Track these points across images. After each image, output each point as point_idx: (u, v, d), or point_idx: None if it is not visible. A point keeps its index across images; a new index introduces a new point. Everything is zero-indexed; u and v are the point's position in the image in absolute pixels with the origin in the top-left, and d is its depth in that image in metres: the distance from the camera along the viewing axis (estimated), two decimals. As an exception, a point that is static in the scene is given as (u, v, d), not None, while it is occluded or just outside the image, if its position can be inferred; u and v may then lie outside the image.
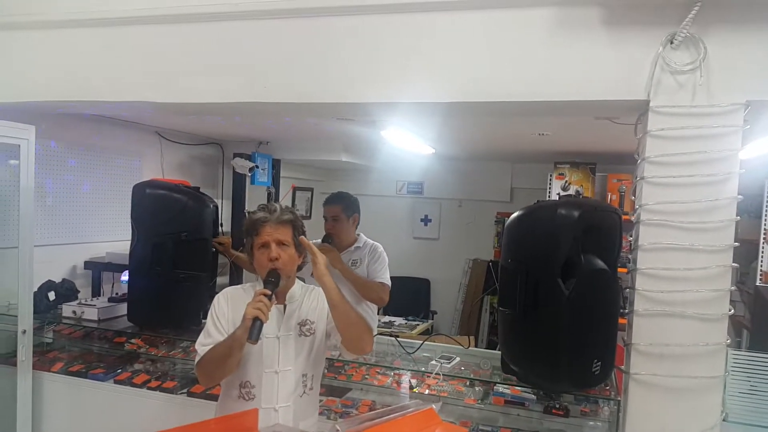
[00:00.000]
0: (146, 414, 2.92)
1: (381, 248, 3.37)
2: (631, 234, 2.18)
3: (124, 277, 3.63)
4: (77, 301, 3.45)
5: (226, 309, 2.04)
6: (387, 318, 5.27)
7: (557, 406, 2.57)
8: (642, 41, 2.00)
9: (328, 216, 3.37)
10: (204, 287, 3.12)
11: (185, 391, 2.97)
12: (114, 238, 3.94)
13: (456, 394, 2.71)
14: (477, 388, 2.75)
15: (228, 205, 5.14)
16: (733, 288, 1.97)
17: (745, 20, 1.92)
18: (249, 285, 2.12)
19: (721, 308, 1.97)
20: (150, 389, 3.00)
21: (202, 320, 2.40)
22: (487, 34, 2.17)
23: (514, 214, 2.29)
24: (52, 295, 3.47)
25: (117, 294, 3.66)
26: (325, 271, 1.95)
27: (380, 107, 2.51)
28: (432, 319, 6.05)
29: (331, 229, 3.35)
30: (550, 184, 4.66)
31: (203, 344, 1.99)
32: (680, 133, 1.97)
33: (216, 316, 2.03)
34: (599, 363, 2.15)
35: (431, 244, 6.72)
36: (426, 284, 6.68)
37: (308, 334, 2.07)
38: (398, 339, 3.11)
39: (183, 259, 3.02)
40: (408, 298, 6.06)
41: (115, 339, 3.33)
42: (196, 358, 2.00)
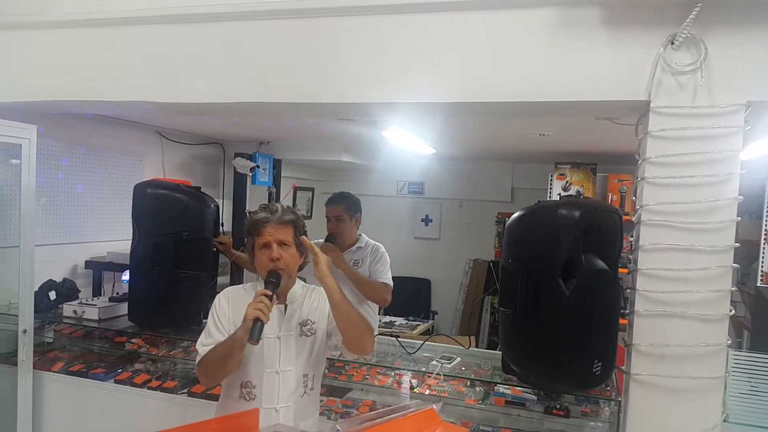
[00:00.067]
0: (147, 414, 2.92)
1: (383, 248, 3.38)
2: (631, 234, 2.17)
3: (124, 276, 3.63)
4: (78, 301, 3.45)
5: (227, 309, 2.04)
6: (387, 318, 5.28)
7: (558, 407, 2.57)
8: (643, 42, 2.00)
9: (331, 216, 3.37)
10: (205, 287, 3.12)
11: (186, 391, 2.97)
12: (115, 238, 3.94)
13: (456, 395, 2.71)
14: (478, 389, 2.75)
15: (229, 204, 5.14)
16: (733, 289, 1.97)
17: (746, 21, 1.92)
18: (250, 285, 2.12)
19: (721, 309, 1.97)
20: (150, 389, 3.01)
21: (203, 320, 2.40)
22: (487, 34, 2.17)
23: (515, 215, 2.29)
24: (52, 295, 3.47)
25: (118, 294, 3.66)
26: (327, 271, 1.95)
27: (381, 107, 2.51)
28: (433, 319, 6.05)
29: (333, 229, 3.35)
30: (550, 184, 4.66)
31: (204, 344, 1.99)
32: (681, 133, 1.97)
33: (217, 316, 2.04)
34: (600, 363, 2.14)
35: (432, 244, 6.72)
36: (427, 284, 6.68)
37: (309, 334, 2.07)
38: (399, 339, 3.11)
39: (184, 258, 3.02)
40: (408, 298, 6.06)
41: (115, 339, 3.34)
42: (197, 358, 2.00)
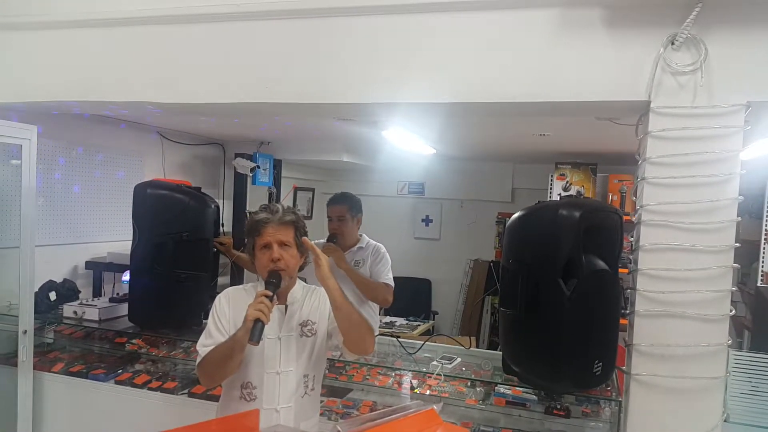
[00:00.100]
0: (147, 414, 2.92)
1: (384, 249, 3.38)
2: (632, 234, 2.17)
3: (125, 277, 3.63)
4: (78, 302, 3.45)
5: (227, 309, 2.04)
6: (388, 318, 5.28)
7: (558, 407, 2.57)
8: (643, 42, 2.00)
9: (333, 216, 3.37)
10: (205, 287, 3.12)
11: (186, 391, 2.97)
12: (115, 238, 3.94)
13: (457, 395, 2.71)
14: (478, 389, 2.75)
15: (229, 205, 5.14)
16: (734, 289, 1.97)
17: (746, 21, 1.93)
18: (250, 285, 2.12)
19: (722, 309, 1.97)
20: (151, 390, 3.00)
21: (203, 321, 2.40)
22: (488, 34, 2.17)
23: (516, 215, 2.29)
24: (53, 296, 3.47)
25: (118, 294, 3.66)
26: (328, 273, 1.95)
27: (381, 108, 2.51)
28: (433, 319, 6.05)
29: (336, 229, 3.35)
30: (551, 184, 4.66)
31: (204, 345, 1.99)
32: (681, 133, 1.98)
33: (217, 317, 2.04)
34: (600, 363, 2.14)
35: (432, 244, 6.72)
36: (427, 284, 6.68)
37: (309, 334, 2.07)
38: (399, 339, 3.10)
39: (184, 259, 3.02)
40: (409, 298, 6.04)
41: (115, 339, 3.33)
42: (198, 359, 2.00)
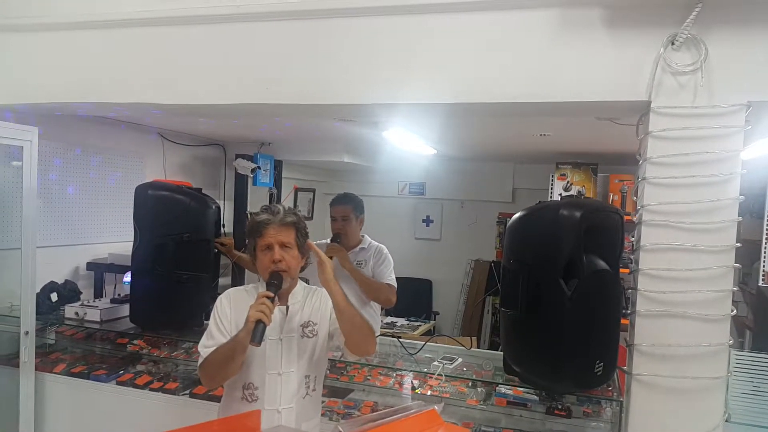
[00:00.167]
0: (148, 415, 2.92)
1: (386, 250, 3.39)
2: (632, 234, 2.17)
3: (126, 278, 3.63)
4: (80, 303, 3.45)
5: (229, 310, 2.04)
6: (389, 319, 5.27)
7: (560, 407, 2.57)
8: (643, 42, 2.00)
9: (338, 216, 3.38)
10: (206, 288, 3.12)
11: (187, 392, 2.97)
12: (116, 240, 3.94)
13: (458, 395, 2.71)
14: (479, 389, 2.75)
15: (230, 206, 5.14)
16: (735, 288, 1.97)
17: (746, 21, 1.93)
18: (251, 286, 2.12)
19: (723, 309, 1.97)
20: (152, 390, 3.01)
21: (204, 321, 2.40)
22: (488, 35, 2.17)
23: (516, 215, 2.29)
24: (54, 297, 3.47)
25: (119, 295, 3.66)
26: (332, 277, 1.94)
27: (382, 108, 2.51)
28: (434, 319, 6.05)
29: (340, 229, 3.36)
30: (551, 184, 4.66)
31: (206, 346, 1.99)
32: (682, 133, 1.98)
33: (218, 318, 2.04)
34: (601, 364, 2.14)
35: (433, 244, 6.72)
36: (428, 285, 6.67)
37: (311, 335, 2.07)
38: (400, 340, 3.11)
39: (185, 260, 3.02)
40: (410, 298, 6.03)
41: (117, 340, 3.34)
42: (199, 360, 2.00)
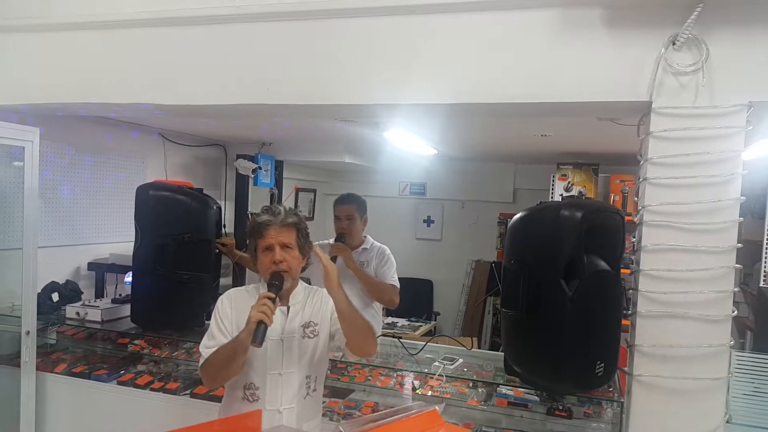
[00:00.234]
0: (149, 415, 2.93)
1: (389, 251, 3.40)
2: (634, 235, 2.17)
3: (127, 278, 3.63)
4: (81, 303, 3.45)
5: (230, 311, 2.04)
6: (390, 319, 5.27)
7: (560, 408, 2.57)
8: (644, 42, 2.00)
9: (342, 215, 3.38)
10: (207, 288, 3.12)
11: (188, 392, 2.97)
12: (117, 240, 3.94)
13: (459, 396, 2.71)
14: (480, 390, 2.75)
15: (231, 206, 5.14)
16: (736, 289, 1.97)
17: (748, 21, 1.92)
18: (252, 287, 2.12)
19: (724, 309, 1.97)
20: (153, 390, 3.01)
21: (205, 321, 2.40)
22: (489, 35, 2.17)
23: (517, 215, 2.29)
24: (55, 297, 3.48)
25: (120, 295, 3.66)
26: (338, 284, 1.92)
27: (383, 109, 2.51)
28: (435, 320, 6.05)
29: (345, 229, 3.36)
30: (552, 185, 4.65)
31: (207, 347, 1.99)
32: (683, 134, 1.97)
33: (219, 318, 2.04)
34: (602, 364, 2.14)
35: (434, 245, 6.71)
36: (429, 285, 6.67)
37: (312, 335, 2.07)
38: (401, 340, 3.11)
39: (186, 260, 3.02)
40: (411, 299, 6.00)
41: (118, 340, 3.35)
42: (200, 361, 2.00)
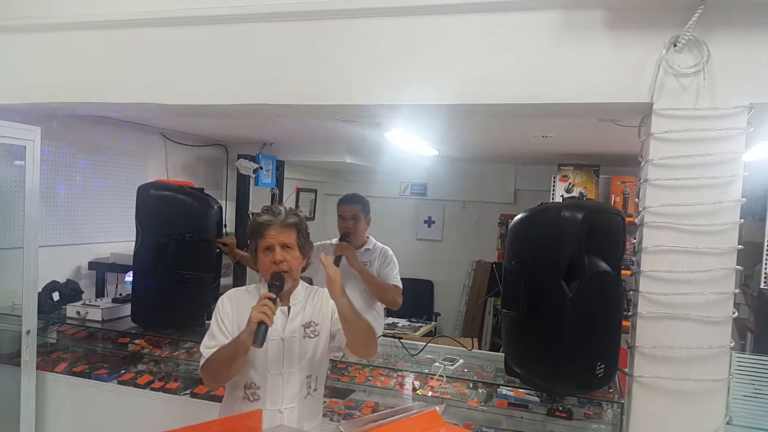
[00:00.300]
0: (150, 415, 2.93)
1: (391, 252, 3.42)
2: (634, 236, 2.17)
3: (128, 277, 3.64)
4: (81, 302, 3.45)
5: (230, 311, 2.04)
6: (390, 319, 5.26)
7: (561, 409, 2.57)
8: (645, 44, 2.00)
9: (347, 215, 3.39)
10: (208, 288, 3.12)
11: (189, 391, 2.97)
12: (118, 239, 3.94)
13: (459, 396, 2.71)
14: (480, 390, 2.75)
15: (232, 206, 5.14)
16: (737, 291, 1.97)
17: (749, 23, 1.92)
18: (253, 287, 2.12)
19: (725, 311, 1.97)
20: (153, 390, 3.01)
21: (206, 321, 2.40)
22: (490, 36, 2.17)
23: (518, 216, 2.29)
24: (56, 296, 3.48)
25: (121, 295, 3.67)
26: (342, 292, 1.91)
27: (384, 109, 2.52)
28: (435, 320, 6.05)
29: (349, 228, 3.37)
30: (553, 186, 4.65)
31: (208, 347, 1.99)
32: (684, 135, 1.97)
33: (220, 319, 2.04)
34: (603, 365, 2.14)
35: (435, 245, 6.71)
36: (429, 286, 6.67)
37: (312, 335, 2.07)
38: (401, 340, 3.11)
39: (187, 260, 3.02)
40: (411, 299, 5.96)
41: (118, 340, 3.35)
42: (201, 361, 2.00)
